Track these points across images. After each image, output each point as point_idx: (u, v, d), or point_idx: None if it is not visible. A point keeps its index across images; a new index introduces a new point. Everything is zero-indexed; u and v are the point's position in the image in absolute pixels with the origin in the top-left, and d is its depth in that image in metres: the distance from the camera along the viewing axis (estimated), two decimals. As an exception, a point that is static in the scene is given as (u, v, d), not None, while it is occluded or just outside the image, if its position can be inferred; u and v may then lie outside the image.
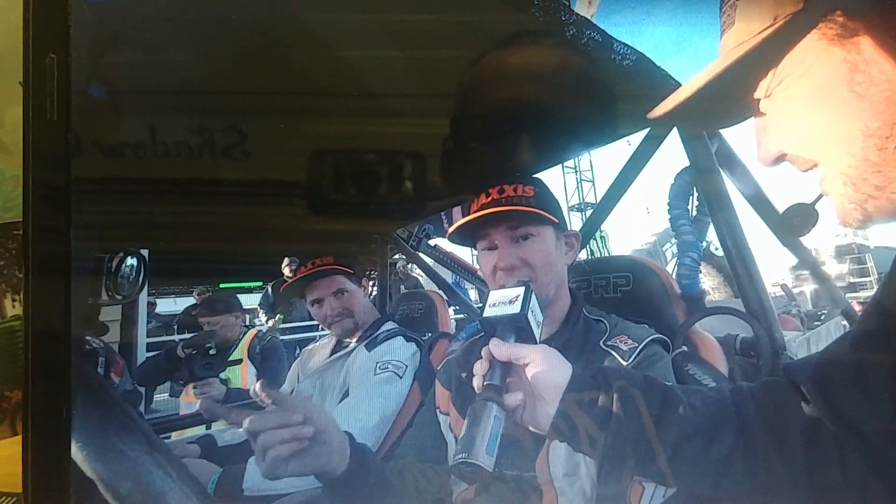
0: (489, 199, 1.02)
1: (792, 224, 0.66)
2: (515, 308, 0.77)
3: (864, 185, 0.53)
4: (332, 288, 1.55)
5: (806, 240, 1.34)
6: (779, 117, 0.57)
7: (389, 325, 1.57)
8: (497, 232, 1.01)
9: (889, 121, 0.50)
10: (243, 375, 2.29)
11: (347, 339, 1.58)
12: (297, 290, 1.58)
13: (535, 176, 1.07)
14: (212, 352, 2.07)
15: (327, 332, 1.64)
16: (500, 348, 0.73)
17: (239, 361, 2.31)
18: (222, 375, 2.02)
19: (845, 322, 1.45)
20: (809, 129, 0.55)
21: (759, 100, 0.58)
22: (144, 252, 1.49)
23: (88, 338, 1.35)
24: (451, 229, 1.05)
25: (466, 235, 1.06)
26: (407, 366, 1.45)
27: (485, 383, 0.73)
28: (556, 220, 1.03)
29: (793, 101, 0.55)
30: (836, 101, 0.52)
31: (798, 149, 0.57)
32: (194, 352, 2.01)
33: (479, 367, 0.75)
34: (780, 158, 0.59)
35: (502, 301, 0.79)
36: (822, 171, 0.56)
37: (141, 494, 0.63)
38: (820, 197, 0.62)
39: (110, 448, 0.64)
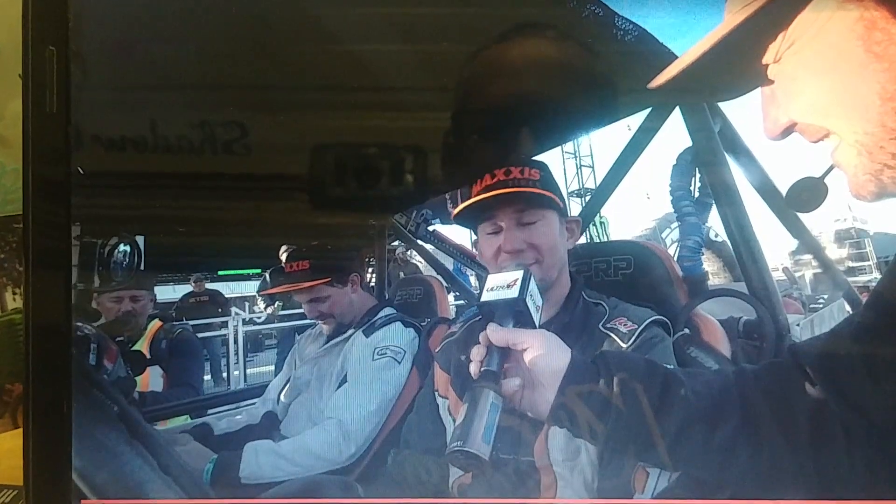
0: (494, 180, 1.01)
1: (800, 199, 0.64)
2: (514, 292, 0.75)
3: (880, 153, 0.50)
4: (308, 296, 1.53)
5: (806, 223, 1.33)
6: (789, 84, 0.54)
7: (388, 311, 1.55)
8: (503, 214, 1.00)
9: None
10: (143, 377, 1.85)
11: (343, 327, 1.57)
12: (284, 296, 1.57)
13: (539, 159, 1.06)
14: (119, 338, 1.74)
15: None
16: (497, 333, 0.72)
17: (155, 362, 1.89)
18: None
19: (848, 306, 1.44)
20: (822, 95, 0.52)
21: (767, 66, 0.55)
22: (139, 238, 1.48)
23: (80, 324, 1.33)
24: (456, 210, 1.04)
25: (470, 217, 1.05)
26: (405, 351, 1.44)
27: (482, 369, 0.71)
28: (562, 205, 1.03)
29: (804, 66, 0.52)
30: (852, 62, 0.49)
31: (809, 117, 0.53)
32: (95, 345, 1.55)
33: (477, 353, 0.73)
34: (789, 130, 0.56)
35: (500, 285, 0.77)
36: (835, 140, 0.53)
37: (118, 485, 0.63)
38: (830, 169, 0.60)
39: (85, 437, 0.63)
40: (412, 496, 1.05)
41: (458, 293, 2.23)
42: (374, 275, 2.11)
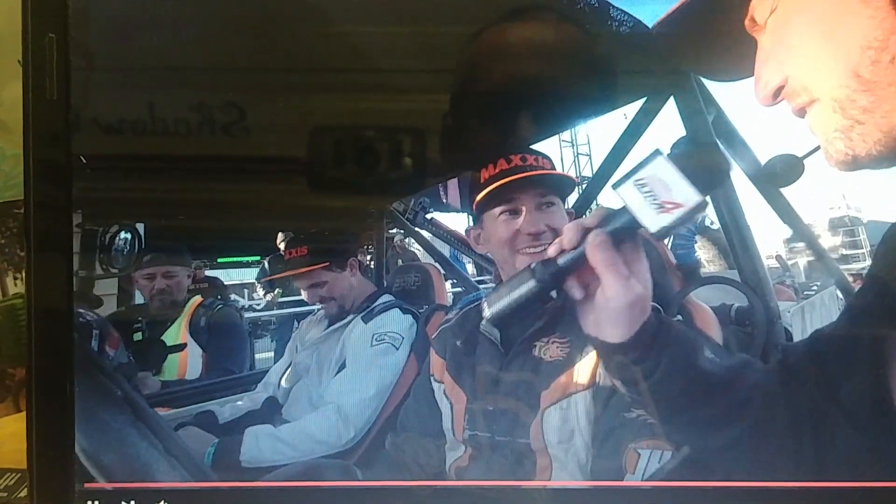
0: (512, 165, 1.03)
1: (775, 172, 0.63)
2: (664, 218, 0.57)
3: (851, 107, 0.48)
4: (308, 281, 1.55)
5: (800, 211, 1.34)
6: (782, 36, 0.52)
7: (386, 298, 1.57)
8: (525, 196, 1.03)
9: (889, 29, 0.46)
10: (181, 361, 1.70)
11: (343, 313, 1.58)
12: (277, 281, 1.58)
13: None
14: (137, 336, 1.64)
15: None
16: (598, 249, 0.58)
17: (181, 347, 1.72)
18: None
19: (839, 292, 1.46)
20: (811, 45, 0.50)
21: (765, 20, 0.53)
22: (139, 226, 1.48)
23: (81, 310, 1.33)
24: (484, 192, 1.05)
25: (491, 200, 1.05)
26: (403, 337, 1.46)
27: (547, 258, 0.61)
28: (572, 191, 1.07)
29: (798, 13, 0.50)
30: (842, 9, 0.47)
31: (797, 71, 0.51)
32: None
33: (564, 239, 0.61)
34: (779, 91, 0.54)
35: (654, 191, 0.58)
36: (815, 105, 0.52)
37: (124, 466, 0.64)
38: (813, 151, 0.59)
39: (92, 419, 0.64)
40: (410, 479, 1.07)
41: (455, 280, 2.24)
42: (372, 261, 2.12)
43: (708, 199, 0.57)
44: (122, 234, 1.37)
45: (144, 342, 1.66)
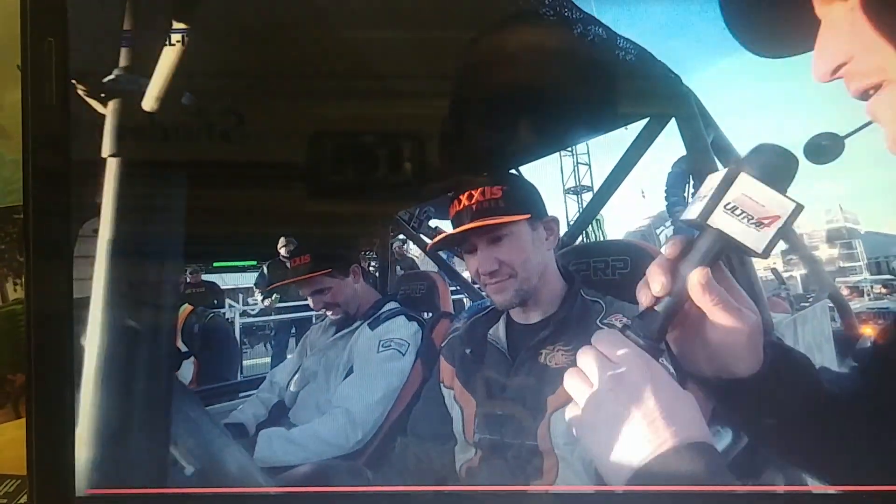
0: (461, 206, 1.06)
1: (820, 146, 0.59)
2: (761, 239, 0.51)
3: None
4: (311, 288, 1.58)
5: (795, 224, 1.37)
6: (856, 14, 0.46)
7: (391, 305, 1.60)
8: (474, 238, 1.05)
9: None
10: None
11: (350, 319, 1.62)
12: (281, 288, 1.59)
13: (507, 171, 1.10)
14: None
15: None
16: (705, 286, 0.51)
17: (188, 355, 1.79)
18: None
19: (831, 304, 1.49)
20: (889, 26, 0.44)
21: None
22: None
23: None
24: (430, 244, 1.11)
25: (447, 245, 1.09)
26: (409, 344, 1.49)
27: (630, 321, 0.55)
28: (528, 216, 1.05)
29: None
30: None
31: (869, 50, 0.46)
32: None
33: (654, 282, 0.54)
34: (839, 69, 0.48)
35: (746, 212, 0.51)
36: (888, 87, 0.46)
37: (202, 449, 0.66)
38: (855, 131, 0.56)
39: (176, 410, 0.67)
40: (419, 480, 1.10)
41: (457, 287, 2.26)
42: (377, 269, 2.14)
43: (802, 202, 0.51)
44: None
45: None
